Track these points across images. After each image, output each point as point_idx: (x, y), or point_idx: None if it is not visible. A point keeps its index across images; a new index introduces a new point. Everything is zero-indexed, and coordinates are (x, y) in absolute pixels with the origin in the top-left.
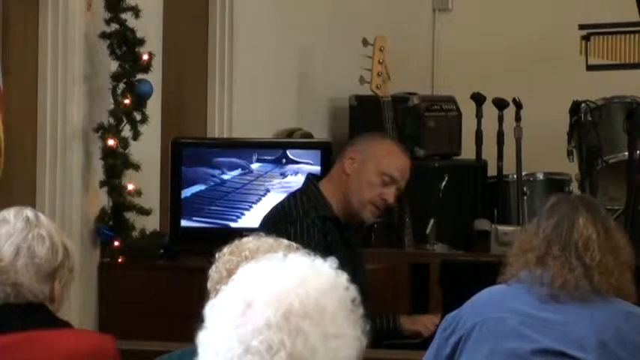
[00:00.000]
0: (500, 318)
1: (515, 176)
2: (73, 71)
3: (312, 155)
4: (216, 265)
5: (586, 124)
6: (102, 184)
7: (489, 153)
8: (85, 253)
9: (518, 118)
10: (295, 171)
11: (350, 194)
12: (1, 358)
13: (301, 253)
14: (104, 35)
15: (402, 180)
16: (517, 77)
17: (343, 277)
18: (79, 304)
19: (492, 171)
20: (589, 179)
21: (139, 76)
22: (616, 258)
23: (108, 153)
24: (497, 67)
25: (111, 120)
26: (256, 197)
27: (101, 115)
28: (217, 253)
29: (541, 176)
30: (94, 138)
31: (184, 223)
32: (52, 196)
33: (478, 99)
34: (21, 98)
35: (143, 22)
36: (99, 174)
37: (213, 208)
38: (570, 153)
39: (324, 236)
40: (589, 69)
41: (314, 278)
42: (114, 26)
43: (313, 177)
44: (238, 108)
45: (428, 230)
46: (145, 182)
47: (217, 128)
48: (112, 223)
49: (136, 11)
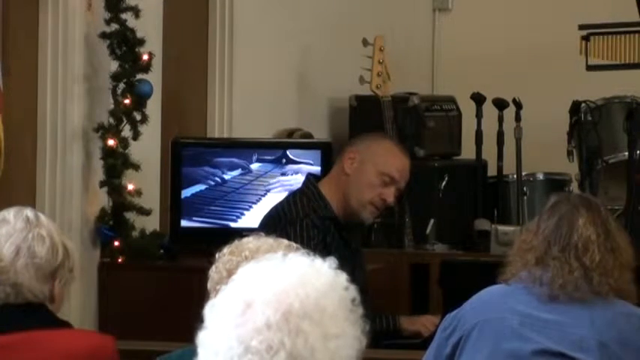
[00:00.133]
0: (500, 318)
1: (515, 176)
2: (73, 71)
3: (312, 155)
4: (216, 266)
5: (586, 124)
6: (102, 184)
7: (489, 153)
8: (85, 253)
9: (518, 118)
10: (295, 171)
11: (350, 194)
12: (1, 358)
13: (301, 254)
14: (104, 35)
15: (402, 180)
16: (517, 77)
17: (343, 277)
18: (79, 304)
19: (492, 171)
20: (589, 179)
21: (139, 76)
22: (616, 259)
23: (108, 153)
24: (497, 67)
25: (111, 120)
26: (256, 197)
27: (101, 115)
28: (217, 254)
29: (541, 176)
30: (94, 138)
31: (184, 223)
32: (52, 196)
33: (478, 99)
34: (21, 98)
35: (143, 22)
36: (99, 174)
37: (213, 208)
38: (570, 153)
39: (324, 236)
40: (589, 69)
41: (314, 278)
42: (114, 26)
43: (312, 177)
44: (238, 108)
45: (428, 230)
46: (145, 182)
47: (217, 128)
48: (112, 223)
49: (136, 11)
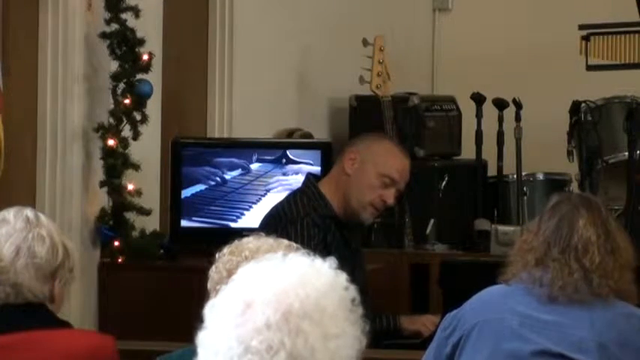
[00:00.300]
0: (500, 319)
1: (515, 176)
2: (73, 71)
3: (312, 155)
4: (216, 266)
5: (586, 124)
6: (102, 184)
7: (489, 153)
8: (85, 253)
9: (518, 118)
10: (295, 171)
11: (350, 195)
12: (1, 358)
13: (301, 254)
14: (104, 35)
15: (402, 181)
16: (517, 77)
17: (343, 277)
18: (79, 304)
19: (492, 171)
20: (589, 179)
21: (139, 76)
22: (616, 260)
23: (108, 153)
24: (497, 68)
25: (111, 120)
26: (256, 197)
27: (101, 115)
28: (217, 254)
29: (541, 176)
30: (94, 138)
31: (184, 223)
32: (52, 196)
33: (478, 99)
34: (21, 98)
35: (143, 22)
36: (99, 174)
37: (213, 208)
38: (570, 153)
39: (324, 235)
40: (589, 69)
41: (314, 278)
42: (114, 26)
43: (312, 177)
44: (238, 108)
45: (428, 230)
46: (145, 182)
47: (217, 128)
48: (112, 223)
49: (136, 11)
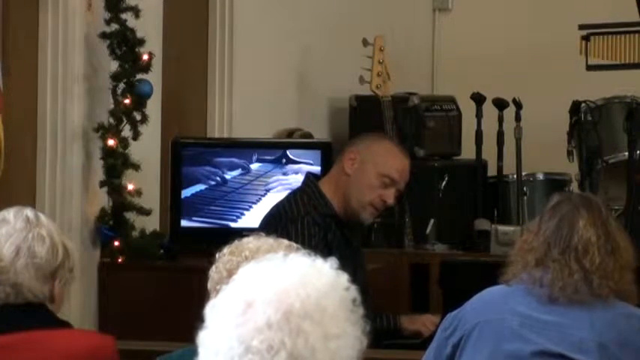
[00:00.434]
0: (500, 319)
1: (515, 176)
2: (73, 71)
3: (312, 155)
4: (216, 266)
5: (586, 124)
6: (102, 184)
7: (489, 153)
8: (85, 253)
9: (518, 118)
10: (295, 171)
11: (350, 195)
12: (1, 358)
13: (302, 254)
14: (104, 35)
15: (402, 181)
16: (517, 77)
17: (344, 278)
18: (79, 304)
19: (492, 171)
20: (589, 179)
21: (139, 76)
22: (616, 260)
23: (108, 153)
24: (497, 68)
25: (111, 120)
26: (256, 197)
27: (101, 115)
28: (217, 254)
29: (541, 176)
30: (94, 138)
31: (184, 223)
32: (52, 196)
33: (478, 99)
34: (21, 98)
35: (143, 22)
36: (99, 174)
37: (213, 208)
38: (570, 153)
39: (325, 234)
40: (589, 69)
41: (315, 278)
42: (114, 26)
43: (312, 176)
44: (238, 108)
45: (428, 230)
46: (145, 182)
47: (217, 128)
48: (112, 223)
49: (136, 11)
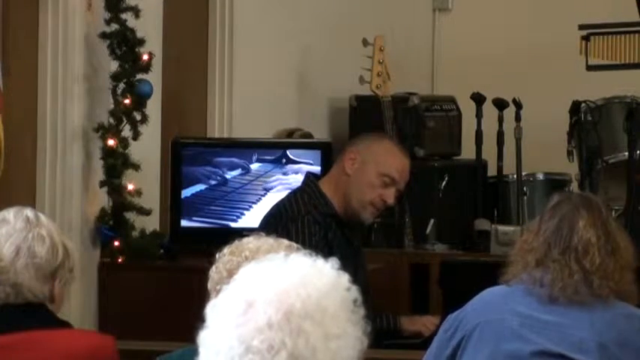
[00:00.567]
0: (500, 319)
1: (515, 176)
2: (73, 71)
3: (312, 155)
4: (216, 266)
5: (586, 124)
6: (102, 184)
7: (489, 153)
8: (85, 253)
9: (518, 118)
10: (295, 171)
11: (350, 194)
12: (1, 358)
13: (302, 254)
14: (104, 35)
15: (402, 181)
16: (517, 77)
17: (345, 278)
18: (79, 304)
19: (492, 171)
20: (589, 179)
21: (139, 76)
22: (616, 261)
23: (108, 153)
24: (497, 68)
25: (111, 120)
26: (256, 197)
27: (101, 115)
28: (217, 254)
29: (541, 176)
30: (94, 138)
31: (184, 223)
32: (52, 196)
33: (478, 99)
34: (21, 98)
35: (143, 22)
36: (99, 174)
37: (213, 208)
38: (570, 153)
39: (325, 232)
40: (589, 69)
41: (315, 278)
42: (114, 26)
43: (312, 175)
44: (238, 108)
45: (428, 230)
46: (145, 182)
47: (217, 128)
48: (112, 223)
49: (136, 11)
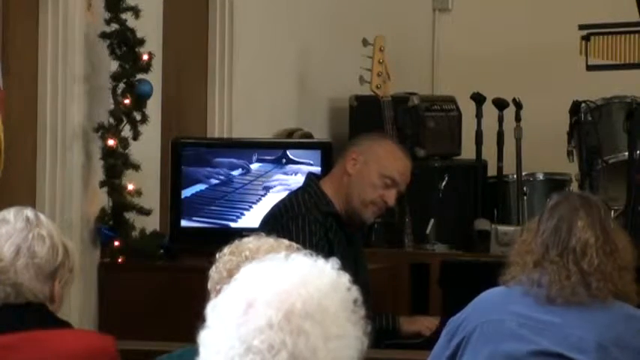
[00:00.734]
0: (500, 320)
1: (515, 176)
2: (73, 71)
3: (312, 155)
4: (216, 266)
5: (586, 124)
6: (102, 184)
7: (489, 153)
8: (85, 253)
9: (518, 118)
10: (295, 171)
11: (351, 194)
12: (1, 358)
13: (303, 254)
14: (104, 35)
15: (403, 183)
16: (517, 77)
17: (345, 278)
18: (79, 304)
19: (492, 171)
20: (589, 179)
21: (139, 76)
22: (615, 261)
23: (108, 153)
24: (497, 68)
25: (111, 120)
26: (256, 197)
27: (101, 115)
28: (218, 254)
29: (541, 176)
30: (94, 138)
31: (184, 223)
32: (52, 196)
33: (478, 99)
34: (21, 98)
35: (143, 22)
36: (99, 174)
37: (213, 208)
38: (570, 153)
39: (326, 232)
40: (589, 69)
41: (316, 278)
42: (114, 26)
43: (314, 175)
44: (238, 108)
45: (428, 230)
46: (145, 182)
47: (217, 128)
48: (112, 223)
49: (136, 11)
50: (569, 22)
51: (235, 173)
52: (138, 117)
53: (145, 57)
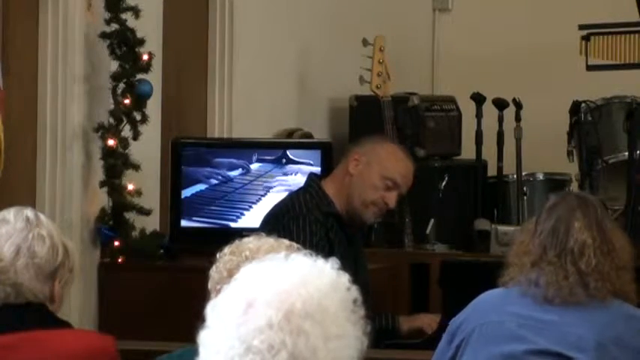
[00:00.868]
0: (499, 322)
1: (515, 176)
2: (73, 71)
3: (312, 155)
4: (216, 265)
5: (586, 124)
6: (102, 184)
7: (489, 153)
8: (85, 253)
9: (518, 118)
10: (295, 171)
11: (353, 195)
12: (1, 358)
13: (303, 254)
14: (104, 35)
15: (405, 185)
16: (517, 77)
17: (345, 278)
18: (79, 304)
19: (492, 171)
20: (589, 179)
21: (139, 76)
22: (612, 261)
23: (108, 153)
24: (497, 67)
25: (111, 120)
26: (256, 197)
27: (101, 115)
28: (218, 254)
29: (541, 176)
30: (94, 138)
31: (184, 223)
32: (52, 196)
33: (478, 99)
34: (21, 98)
35: (143, 22)
36: (99, 174)
37: (213, 208)
38: (570, 153)
39: (327, 232)
40: (589, 69)
41: (316, 278)
42: (114, 26)
43: (315, 176)
44: (238, 108)
45: (428, 230)
46: (145, 182)
47: (217, 128)
48: (112, 223)
49: (136, 11)
50: (569, 22)
51: (235, 173)
52: (138, 117)
53: (145, 57)
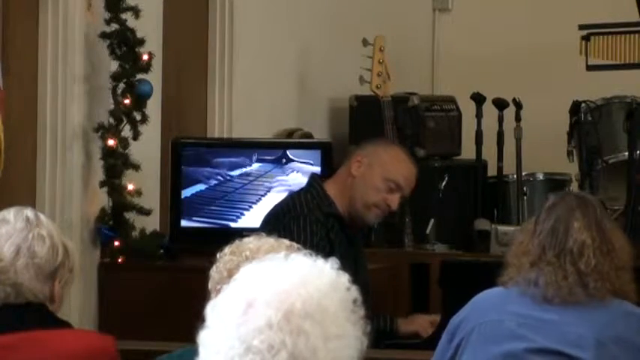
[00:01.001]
0: (498, 321)
1: (515, 176)
2: (73, 71)
3: (312, 155)
4: (216, 265)
5: (586, 124)
6: (102, 184)
7: (489, 153)
8: (85, 253)
9: (518, 118)
10: (295, 171)
11: (355, 196)
12: (1, 358)
13: (303, 254)
14: (104, 35)
15: (407, 188)
16: (517, 77)
17: (345, 278)
18: (79, 304)
19: (492, 171)
20: (589, 179)
21: (139, 76)
22: (612, 261)
23: (108, 153)
24: (497, 67)
25: (111, 120)
26: (256, 197)
27: (101, 115)
28: (218, 254)
29: (541, 176)
30: (94, 138)
31: (184, 223)
32: (52, 196)
33: (478, 99)
34: (21, 98)
35: (143, 22)
36: (99, 174)
37: (213, 208)
38: (570, 153)
39: (327, 232)
40: (589, 69)
41: (316, 278)
42: (114, 26)
43: (317, 176)
44: (238, 108)
45: (428, 230)
46: (145, 182)
47: (217, 128)
48: (112, 223)
49: (136, 11)
50: (569, 22)
51: (235, 173)
52: (138, 117)
53: (145, 57)
